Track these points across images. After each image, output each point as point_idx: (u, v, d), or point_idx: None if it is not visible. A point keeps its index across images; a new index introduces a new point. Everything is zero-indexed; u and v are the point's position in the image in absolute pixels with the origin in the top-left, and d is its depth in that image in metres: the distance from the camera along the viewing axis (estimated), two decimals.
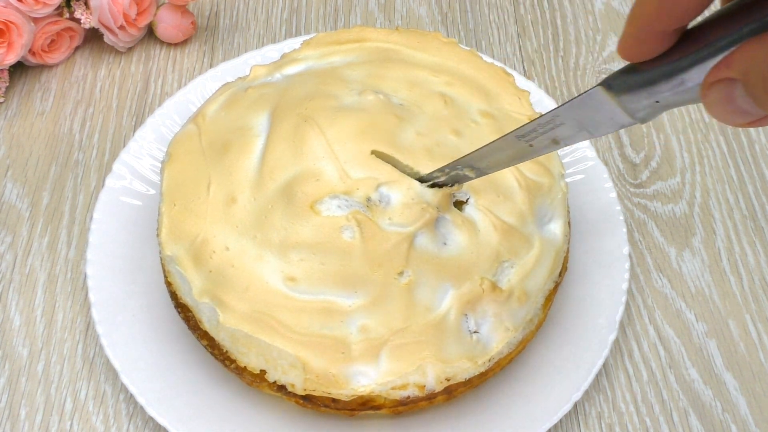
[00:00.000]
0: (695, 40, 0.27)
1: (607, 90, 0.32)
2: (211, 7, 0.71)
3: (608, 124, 0.34)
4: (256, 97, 0.51)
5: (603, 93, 0.32)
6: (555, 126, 0.37)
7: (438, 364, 0.43)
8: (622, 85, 0.31)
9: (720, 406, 0.52)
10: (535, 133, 0.38)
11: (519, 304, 0.46)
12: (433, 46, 0.54)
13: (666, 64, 0.28)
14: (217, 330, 0.45)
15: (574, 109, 0.35)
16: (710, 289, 0.56)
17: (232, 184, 0.47)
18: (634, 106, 0.31)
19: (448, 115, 0.50)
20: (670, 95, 0.29)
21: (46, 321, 0.54)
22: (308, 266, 0.45)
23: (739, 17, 0.26)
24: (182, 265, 0.46)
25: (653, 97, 0.30)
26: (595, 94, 0.32)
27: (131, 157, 0.56)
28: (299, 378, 0.43)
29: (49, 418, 0.50)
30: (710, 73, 0.27)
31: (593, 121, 0.34)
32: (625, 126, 0.33)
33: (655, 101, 0.30)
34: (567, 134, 0.36)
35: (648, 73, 0.29)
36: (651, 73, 0.29)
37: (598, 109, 0.33)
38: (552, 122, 0.37)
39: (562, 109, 0.35)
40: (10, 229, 0.58)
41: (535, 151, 0.39)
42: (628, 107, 0.31)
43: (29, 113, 0.64)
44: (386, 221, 0.45)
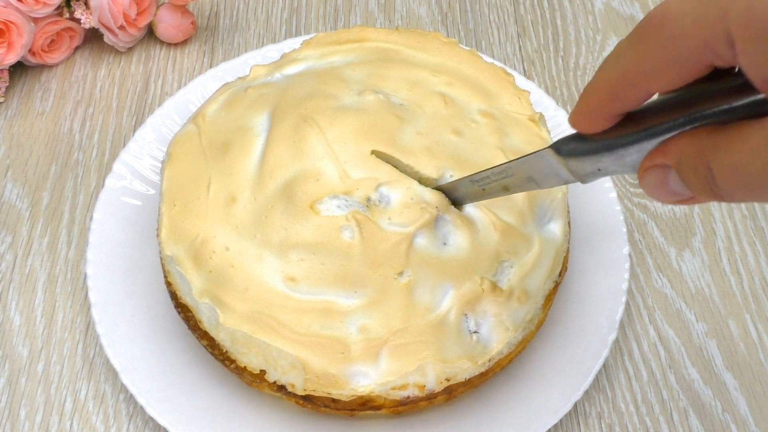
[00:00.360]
0: (636, 121, 0.31)
1: (556, 153, 0.35)
2: (211, 7, 0.71)
3: (554, 180, 0.38)
4: (256, 97, 0.51)
5: (552, 155, 0.36)
6: (506, 176, 0.41)
7: (438, 364, 0.43)
8: (570, 151, 0.34)
9: (720, 406, 0.52)
10: (488, 180, 0.43)
11: (519, 304, 0.46)
12: (434, 46, 0.54)
13: (609, 139, 0.32)
14: (216, 330, 0.45)
15: (525, 164, 0.39)
16: (710, 289, 0.56)
17: (232, 184, 0.47)
18: (579, 169, 0.34)
19: (448, 114, 0.50)
20: (611, 165, 0.32)
21: (46, 321, 0.54)
22: (308, 266, 0.45)
23: (676, 108, 0.29)
24: (182, 265, 0.46)
25: (596, 165, 0.33)
26: (545, 155, 0.36)
27: (131, 157, 0.56)
28: (299, 378, 0.43)
29: (49, 418, 0.50)
30: (647, 158, 0.30)
31: (541, 176, 0.38)
32: (569, 183, 0.37)
33: (597, 168, 0.33)
34: (516, 184, 0.41)
35: (593, 143, 0.33)
36: (595, 144, 0.32)
37: (546, 167, 0.37)
38: (504, 173, 0.41)
39: (514, 163, 0.40)
40: (10, 229, 0.58)
41: (488, 194, 0.44)
42: (572, 169, 0.35)
43: (29, 113, 0.64)
44: (386, 221, 0.45)
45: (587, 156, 0.33)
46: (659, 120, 0.30)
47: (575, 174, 0.35)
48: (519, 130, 0.50)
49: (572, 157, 0.34)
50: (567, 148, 0.34)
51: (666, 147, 0.29)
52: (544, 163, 0.37)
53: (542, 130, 0.51)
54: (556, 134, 0.58)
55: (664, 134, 0.30)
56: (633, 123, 0.31)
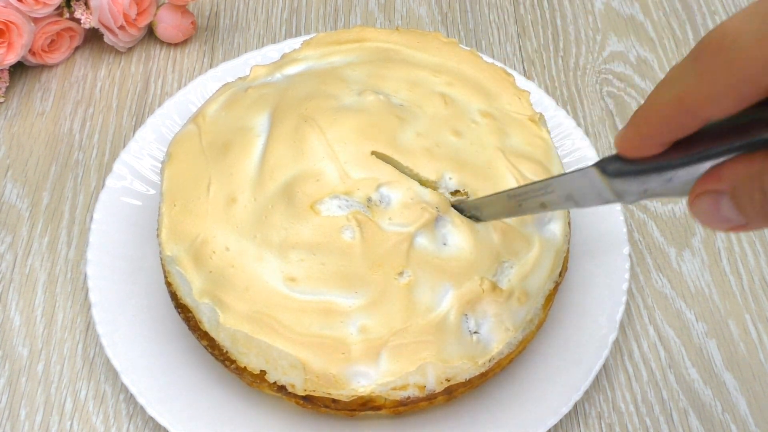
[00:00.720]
0: (686, 143, 0.30)
1: (601, 172, 0.34)
2: (211, 7, 0.71)
3: (595, 200, 0.36)
4: (256, 97, 0.51)
5: (597, 174, 0.34)
6: (546, 193, 0.40)
7: (438, 365, 0.43)
8: (616, 170, 0.33)
9: (720, 406, 0.52)
10: (526, 196, 0.42)
11: (519, 305, 0.46)
12: (434, 46, 0.54)
13: (658, 162, 0.31)
14: (217, 330, 0.45)
15: (566, 182, 0.38)
16: (710, 289, 0.56)
17: (233, 185, 0.47)
18: (624, 190, 0.33)
19: (448, 115, 0.50)
20: (658, 188, 0.31)
21: (46, 321, 0.54)
22: (308, 266, 0.44)
23: (730, 132, 0.28)
24: (182, 266, 0.46)
25: (642, 186, 0.32)
26: (590, 174, 0.35)
27: (131, 157, 0.56)
28: (299, 378, 0.43)
29: (49, 418, 0.50)
30: (699, 184, 0.29)
31: (582, 195, 0.37)
32: (610, 203, 0.35)
33: (643, 190, 0.32)
34: (554, 201, 0.40)
35: (640, 165, 0.31)
36: (643, 166, 0.31)
37: (588, 186, 0.36)
38: (544, 189, 0.40)
39: (555, 180, 0.39)
40: (10, 229, 0.58)
41: (523, 211, 0.43)
42: (617, 190, 0.34)
43: (29, 113, 0.64)
44: (386, 221, 0.45)
45: (634, 177, 0.32)
46: (712, 143, 0.29)
47: (619, 194, 0.34)
48: (519, 131, 0.50)
49: (618, 178, 0.33)
50: (613, 167, 0.33)
51: (720, 172, 0.28)
52: (586, 182, 0.36)
53: (542, 131, 0.51)
54: (556, 134, 0.58)
55: (718, 158, 0.29)
56: (683, 145, 0.30)
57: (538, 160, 0.49)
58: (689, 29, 0.70)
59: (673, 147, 0.30)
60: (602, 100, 0.66)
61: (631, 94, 0.66)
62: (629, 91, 0.66)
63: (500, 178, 0.48)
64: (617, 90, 0.66)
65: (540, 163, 0.49)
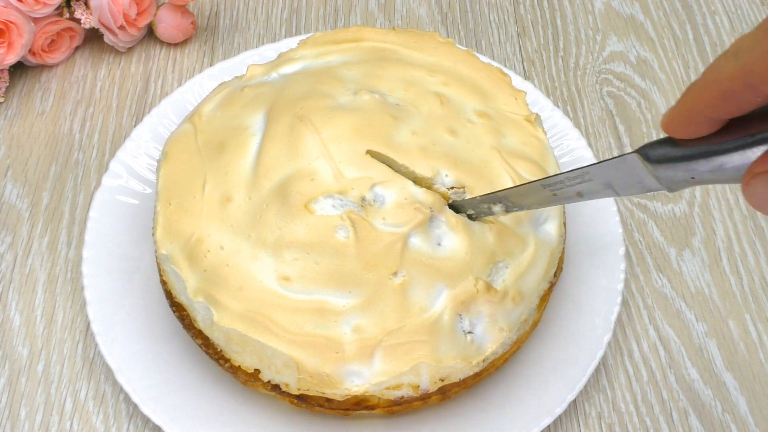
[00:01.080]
0: (737, 126, 0.28)
1: (644, 159, 0.32)
2: (211, 7, 0.71)
3: (636, 188, 0.35)
4: (252, 96, 0.51)
5: (639, 161, 0.33)
6: (583, 181, 0.38)
7: (432, 365, 0.43)
8: (660, 156, 0.31)
9: (720, 406, 0.52)
10: (561, 185, 0.40)
11: (513, 305, 0.45)
12: (430, 46, 0.54)
13: (706, 144, 0.29)
14: (211, 329, 0.45)
15: (605, 169, 0.36)
16: (710, 289, 0.56)
17: (228, 184, 0.47)
18: (668, 177, 0.32)
19: (444, 114, 0.50)
20: (707, 174, 0.30)
21: (46, 321, 0.54)
22: (302, 266, 0.45)
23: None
24: (177, 264, 0.46)
25: (690, 173, 0.30)
26: (631, 161, 0.33)
27: (128, 156, 0.56)
28: (293, 377, 0.43)
29: (49, 418, 0.50)
30: (756, 164, 0.27)
31: (622, 183, 0.35)
32: (652, 191, 0.34)
33: (690, 177, 0.30)
34: (592, 190, 0.38)
35: (687, 149, 0.30)
36: (690, 150, 0.30)
37: (630, 173, 0.34)
38: (581, 177, 0.38)
39: (593, 168, 0.37)
40: (10, 229, 0.58)
41: (558, 200, 0.41)
42: (661, 177, 0.32)
43: (29, 113, 0.64)
44: (380, 221, 0.45)
45: (680, 163, 0.30)
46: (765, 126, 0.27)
47: (663, 182, 0.32)
48: (515, 131, 0.50)
49: (662, 164, 0.31)
50: (657, 153, 0.32)
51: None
52: (627, 169, 0.34)
53: (538, 131, 0.51)
54: (552, 135, 0.58)
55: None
56: (733, 128, 0.28)
57: (534, 160, 0.49)
58: (689, 29, 0.70)
59: (723, 129, 0.28)
60: (602, 100, 0.66)
61: (631, 94, 0.66)
62: (629, 91, 0.66)
63: (496, 176, 0.48)
64: (617, 90, 0.66)
65: (536, 162, 0.49)
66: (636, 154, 0.33)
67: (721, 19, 0.71)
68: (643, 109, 0.65)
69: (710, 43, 0.69)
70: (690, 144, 0.30)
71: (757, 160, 0.28)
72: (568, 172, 0.39)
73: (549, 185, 0.41)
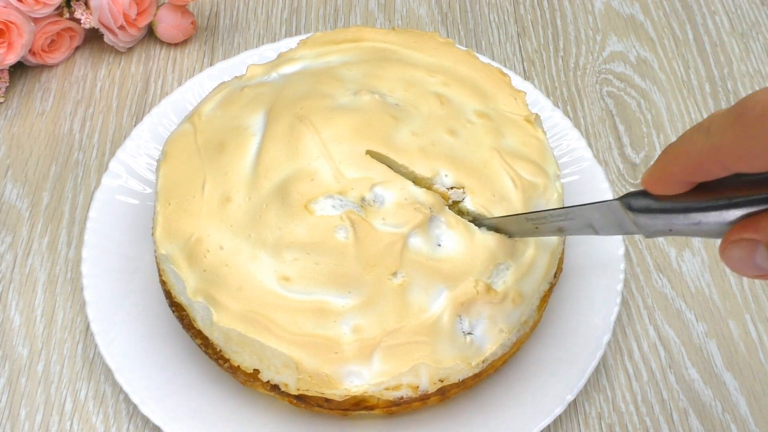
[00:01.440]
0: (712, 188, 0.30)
1: (626, 207, 0.34)
2: (211, 7, 0.71)
3: (616, 231, 0.37)
4: (252, 96, 0.51)
5: (621, 208, 0.35)
6: (566, 219, 0.41)
7: (431, 365, 0.43)
8: (642, 207, 0.33)
9: (720, 406, 0.52)
10: (544, 220, 0.42)
11: (514, 306, 0.45)
12: (430, 46, 0.54)
13: (686, 202, 0.31)
14: (210, 329, 0.45)
15: (588, 211, 0.38)
16: (710, 289, 0.56)
17: (227, 184, 0.47)
18: (648, 226, 0.33)
19: (444, 115, 0.50)
20: (685, 228, 0.32)
21: (46, 321, 0.54)
22: (302, 266, 0.44)
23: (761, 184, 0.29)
24: (176, 264, 0.46)
25: (668, 226, 0.32)
26: (614, 207, 0.35)
27: (128, 156, 0.56)
28: (292, 378, 0.43)
29: (49, 418, 0.50)
30: (734, 232, 0.30)
31: (602, 224, 0.38)
32: (631, 234, 0.36)
33: (668, 229, 0.32)
34: (573, 227, 0.41)
35: (667, 204, 0.32)
36: (670, 205, 0.32)
37: (611, 217, 0.36)
38: (564, 216, 0.41)
39: (577, 209, 0.39)
40: (10, 229, 0.58)
41: (539, 233, 0.44)
42: (641, 225, 0.34)
43: (29, 113, 0.64)
44: (380, 221, 0.45)
45: (660, 215, 0.32)
46: (740, 191, 0.29)
47: (642, 230, 0.34)
48: (515, 131, 0.50)
49: (643, 214, 0.33)
50: (639, 203, 0.33)
51: (756, 222, 0.29)
52: (609, 213, 0.36)
53: (538, 131, 0.51)
54: (552, 135, 0.58)
55: (749, 207, 0.29)
56: (709, 190, 0.30)
57: (534, 160, 0.49)
58: (689, 29, 0.70)
59: (697, 188, 0.31)
60: (602, 100, 0.66)
61: (631, 94, 0.66)
62: (629, 91, 0.66)
63: (496, 177, 0.48)
64: (617, 90, 0.66)
65: (535, 163, 0.49)
66: (619, 201, 0.35)
67: (721, 19, 0.71)
68: (643, 109, 0.65)
69: (710, 43, 0.69)
70: (669, 199, 0.32)
71: (732, 229, 0.30)
72: (552, 210, 0.42)
73: (532, 219, 0.43)
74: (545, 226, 0.43)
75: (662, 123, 0.64)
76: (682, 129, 0.64)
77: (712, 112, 0.65)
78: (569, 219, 0.40)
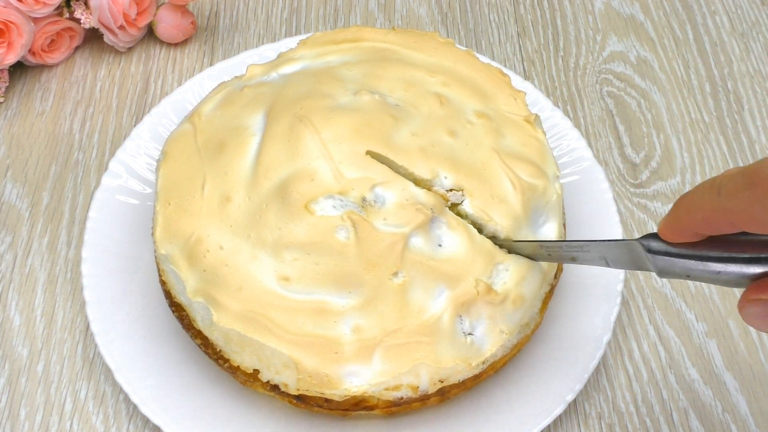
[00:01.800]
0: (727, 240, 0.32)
1: (646, 249, 0.35)
2: (211, 7, 0.71)
3: (629, 266, 0.38)
4: (252, 96, 0.51)
5: (641, 249, 0.36)
6: (581, 251, 0.42)
7: (431, 366, 0.43)
8: (660, 249, 0.34)
9: (720, 406, 0.52)
10: (559, 249, 0.44)
11: (514, 307, 0.45)
12: (430, 46, 0.54)
13: (703, 251, 0.33)
14: (210, 329, 0.45)
15: (605, 247, 0.40)
16: (710, 288, 0.56)
17: (227, 183, 0.47)
18: (666, 268, 0.35)
19: (444, 115, 0.50)
20: (703, 275, 0.33)
21: (46, 321, 0.54)
22: (302, 266, 0.44)
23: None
24: (176, 264, 0.46)
25: (686, 271, 0.34)
26: (633, 247, 0.37)
27: (127, 156, 0.56)
28: (292, 378, 0.43)
29: (49, 418, 0.50)
30: (753, 291, 0.31)
31: (617, 259, 0.39)
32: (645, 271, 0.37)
33: (686, 275, 0.34)
34: (587, 258, 0.42)
35: (686, 250, 0.33)
36: (688, 252, 0.33)
37: (628, 255, 0.38)
38: (579, 248, 0.42)
39: (593, 243, 0.41)
40: (10, 229, 0.58)
41: (551, 259, 0.45)
42: (659, 267, 0.35)
43: (29, 113, 0.64)
44: (381, 222, 0.45)
45: (678, 260, 0.34)
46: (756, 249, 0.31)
47: (660, 271, 0.35)
48: (514, 131, 0.50)
49: (662, 256, 0.34)
50: (657, 246, 0.35)
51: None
52: (626, 251, 0.38)
53: (538, 131, 0.51)
54: (552, 135, 0.57)
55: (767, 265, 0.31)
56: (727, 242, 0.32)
57: (533, 162, 0.49)
58: (689, 29, 0.70)
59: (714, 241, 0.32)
60: (602, 100, 0.66)
61: (631, 94, 0.66)
62: (629, 91, 0.66)
63: (495, 179, 0.48)
64: (617, 90, 0.66)
65: (535, 164, 0.49)
66: (640, 244, 0.36)
67: (721, 19, 0.71)
68: (643, 109, 0.65)
69: (710, 43, 0.69)
70: (688, 246, 0.33)
71: (750, 288, 0.31)
72: (569, 242, 0.43)
73: (547, 247, 0.44)
74: (558, 253, 0.44)
75: (662, 123, 0.64)
76: (682, 129, 0.64)
77: (712, 112, 0.65)
78: (584, 251, 0.41)
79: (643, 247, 0.35)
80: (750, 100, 0.66)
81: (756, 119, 0.65)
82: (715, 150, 0.63)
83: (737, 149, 0.63)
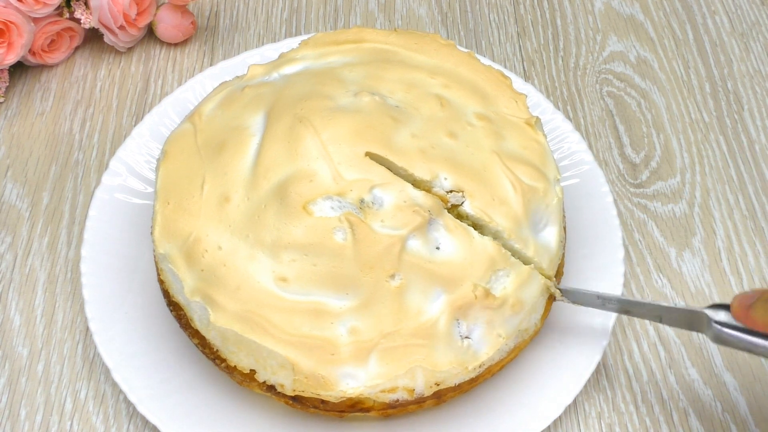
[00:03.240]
0: None
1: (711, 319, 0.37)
2: (211, 7, 0.71)
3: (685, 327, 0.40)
4: (252, 96, 0.51)
5: (705, 318, 0.37)
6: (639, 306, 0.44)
7: (428, 369, 0.43)
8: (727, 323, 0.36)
9: (720, 406, 0.52)
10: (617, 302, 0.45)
11: (513, 312, 0.45)
12: (431, 48, 0.54)
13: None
14: (207, 329, 0.45)
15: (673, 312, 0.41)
16: (710, 289, 0.56)
17: (227, 183, 0.47)
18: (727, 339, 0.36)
19: (444, 117, 0.50)
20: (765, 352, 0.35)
21: (46, 321, 0.54)
22: (300, 267, 0.44)
23: None
24: (174, 264, 0.46)
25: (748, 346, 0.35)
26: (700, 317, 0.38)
27: (128, 155, 0.56)
28: (288, 378, 0.43)
29: (49, 418, 0.50)
30: None
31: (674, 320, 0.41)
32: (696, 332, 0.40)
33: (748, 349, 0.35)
34: (641, 314, 0.44)
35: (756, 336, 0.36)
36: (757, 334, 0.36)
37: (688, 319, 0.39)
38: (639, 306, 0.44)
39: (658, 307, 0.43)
40: (10, 229, 0.58)
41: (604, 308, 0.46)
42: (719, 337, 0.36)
43: (29, 113, 0.64)
44: (379, 223, 0.45)
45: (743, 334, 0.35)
46: None
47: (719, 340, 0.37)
48: (515, 134, 0.50)
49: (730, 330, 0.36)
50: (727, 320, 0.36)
51: None
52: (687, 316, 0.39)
53: (538, 134, 0.51)
54: (552, 137, 0.57)
55: None
56: None
57: (534, 164, 0.49)
58: (689, 29, 0.70)
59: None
60: (602, 100, 0.66)
61: (631, 94, 0.66)
62: (629, 91, 0.66)
63: (495, 181, 0.47)
64: (617, 90, 0.66)
65: (535, 167, 0.49)
66: (705, 313, 0.37)
67: (721, 19, 0.71)
68: (643, 109, 0.65)
69: (710, 42, 0.69)
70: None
71: None
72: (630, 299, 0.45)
73: (605, 299, 0.45)
74: (614, 305, 0.45)
75: (662, 123, 0.64)
76: (682, 129, 0.64)
77: (712, 112, 0.65)
78: (642, 307, 0.43)
79: (708, 317, 0.36)
80: (750, 100, 0.66)
81: (756, 119, 0.65)
82: (715, 150, 0.63)
83: (737, 149, 0.63)
